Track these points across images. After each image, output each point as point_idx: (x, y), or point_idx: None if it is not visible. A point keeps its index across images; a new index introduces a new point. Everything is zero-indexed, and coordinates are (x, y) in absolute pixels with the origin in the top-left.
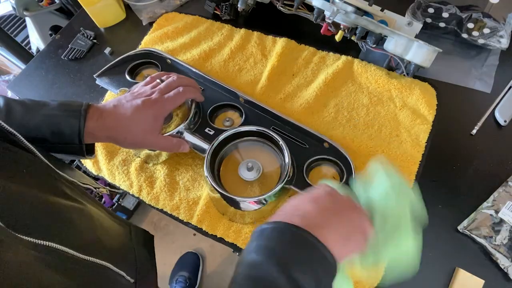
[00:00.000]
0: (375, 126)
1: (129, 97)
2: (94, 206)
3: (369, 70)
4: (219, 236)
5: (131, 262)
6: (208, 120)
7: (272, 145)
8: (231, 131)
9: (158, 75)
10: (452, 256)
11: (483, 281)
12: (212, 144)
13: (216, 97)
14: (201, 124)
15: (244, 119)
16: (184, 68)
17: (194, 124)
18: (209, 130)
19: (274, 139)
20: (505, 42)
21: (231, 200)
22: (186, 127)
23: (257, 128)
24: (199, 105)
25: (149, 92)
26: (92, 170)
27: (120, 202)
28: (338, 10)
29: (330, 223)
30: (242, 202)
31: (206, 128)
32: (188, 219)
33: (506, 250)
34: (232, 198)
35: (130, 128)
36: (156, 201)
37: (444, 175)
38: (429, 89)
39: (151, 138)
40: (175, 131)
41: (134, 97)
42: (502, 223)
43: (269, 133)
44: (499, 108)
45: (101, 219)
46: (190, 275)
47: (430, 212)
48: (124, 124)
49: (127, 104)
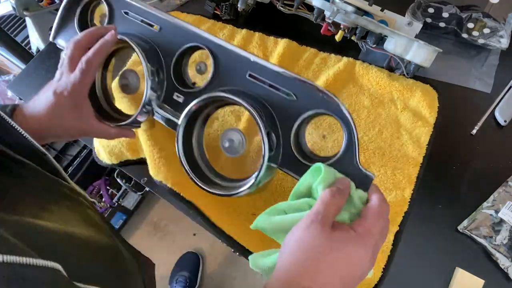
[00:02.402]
0: (376, 128)
1: (46, 87)
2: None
3: (370, 71)
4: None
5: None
6: (173, 78)
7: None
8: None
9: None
10: (452, 256)
11: (483, 281)
12: (178, 129)
13: (179, 41)
14: (168, 87)
15: (214, 67)
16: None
17: (159, 87)
18: (177, 95)
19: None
20: (505, 42)
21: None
22: (153, 96)
23: (218, 94)
24: (159, 58)
25: (58, 75)
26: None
27: (120, 202)
28: (338, 10)
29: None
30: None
31: (174, 93)
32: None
33: (506, 250)
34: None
35: (55, 127)
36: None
37: (444, 175)
38: (431, 91)
39: (85, 127)
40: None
41: (48, 86)
42: (502, 223)
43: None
44: (499, 108)
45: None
46: (190, 275)
47: (430, 212)
48: (48, 125)
49: (42, 99)
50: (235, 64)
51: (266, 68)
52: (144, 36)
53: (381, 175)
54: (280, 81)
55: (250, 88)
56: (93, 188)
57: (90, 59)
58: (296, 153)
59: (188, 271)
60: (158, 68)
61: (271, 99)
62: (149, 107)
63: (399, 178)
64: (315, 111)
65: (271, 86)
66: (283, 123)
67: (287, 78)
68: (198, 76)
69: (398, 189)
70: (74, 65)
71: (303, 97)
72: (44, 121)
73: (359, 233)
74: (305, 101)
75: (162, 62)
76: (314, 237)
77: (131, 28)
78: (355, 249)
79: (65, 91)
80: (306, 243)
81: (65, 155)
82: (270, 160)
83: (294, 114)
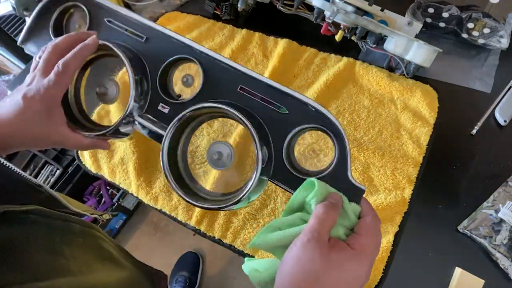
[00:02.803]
0: (376, 128)
1: (14, 91)
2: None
3: (370, 72)
4: (217, 238)
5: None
6: (159, 89)
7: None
8: (189, 111)
9: (47, 47)
10: (452, 256)
11: (483, 281)
12: (164, 140)
13: (165, 51)
14: (152, 98)
15: (203, 78)
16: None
17: (143, 98)
18: (162, 106)
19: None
20: (505, 42)
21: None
22: (135, 107)
23: (209, 104)
24: (143, 68)
25: (29, 79)
26: (92, 169)
27: (120, 202)
28: (338, 10)
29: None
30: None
31: (159, 103)
32: (187, 220)
33: (506, 250)
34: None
35: (23, 134)
36: (155, 201)
37: (444, 175)
38: (431, 91)
39: (55, 136)
40: (120, 119)
41: (16, 91)
42: (502, 223)
43: (227, 110)
44: (499, 108)
45: None
46: (190, 275)
47: (430, 212)
48: (15, 132)
49: (9, 104)
50: (225, 76)
51: (257, 81)
52: (129, 45)
53: (381, 175)
54: (272, 95)
55: (241, 101)
56: (93, 188)
57: (68, 63)
58: (288, 166)
59: (188, 271)
60: (142, 78)
61: (263, 113)
62: (130, 118)
63: (399, 178)
64: (308, 126)
65: (263, 99)
66: (274, 136)
67: (279, 92)
68: (184, 89)
69: (398, 189)
70: (49, 68)
71: (295, 111)
72: (10, 127)
73: (356, 250)
74: (297, 115)
75: (147, 72)
76: (312, 257)
77: (115, 37)
78: (353, 267)
79: (36, 95)
80: (304, 263)
81: (65, 155)
82: (262, 174)
83: (286, 128)
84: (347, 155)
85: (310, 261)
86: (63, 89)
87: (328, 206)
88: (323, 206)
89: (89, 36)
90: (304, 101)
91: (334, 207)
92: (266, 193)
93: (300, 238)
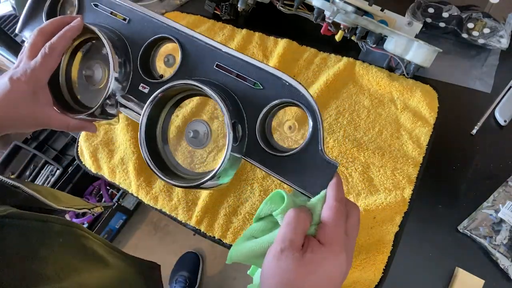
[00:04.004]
0: (376, 128)
1: (2, 75)
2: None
3: (370, 72)
4: (217, 238)
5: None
6: (139, 69)
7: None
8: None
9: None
10: (452, 256)
11: (483, 281)
12: (141, 119)
13: (147, 33)
14: (134, 78)
15: (181, 57)
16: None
17: (125, 78)
18: (143, 86)
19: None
20: (505, 42)
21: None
22: (118, 88)
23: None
24: (126, 50)
25: (16, 63)
26: (92, 169)
27: (120, 202)
28: (338, 10)
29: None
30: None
31: (140, 84)
32: (187, 220)
33: (506, 250)
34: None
35: (11, 116)
36: (155, 201)
37: (444, 175)
38: (431, 91)
39: (41, 116)
40: (102, 100)
41: (4, 74)
42: (502, 223)
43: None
44: (499, 108)
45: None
46: (190, 275)
47: (430, 212)
48: (3, 114)
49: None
50: (202, 54)
51: (233, 58)
52: (113, 28)
53: (381, 175)
54: (247, 71)
55: (217, 78)
56: (93, 188)
57: (54, 45)
58: (262, 143)
59: (188, 271)
60: (126, 60)
61: (238, 89)
62: (113, 99)
63: (399, 178)
64: (281, 100)
65: (238, 76)
66: (249, 113)
67: (254, 67)
68: (166, 69)
69: (398, 189)
70: (35, 51)
71: (270, 86)
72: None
73: (327, 243)
74: (272, 90)
75: (129, 54)
76: (287, 266)
77: (100, 20)
78: (330, 262)
79: (22, 77)
80: (281, 275)
81: (65, 155)
82: (234, 150)
83: (261, 103)
84: (319, 129)
85: (286, 272)
86: (49, 70)
87: (298, 211)
88: (293, 211)
89: (74, 19)
90: (278, 75)
91: (305, 210)
92: (266, 193)
93: (273, 249)
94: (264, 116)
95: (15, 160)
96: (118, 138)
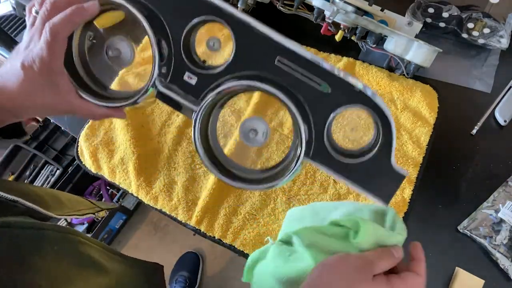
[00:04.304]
0: None
1: (14, 54)
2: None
3: (370, 72)
4: (217, 238)
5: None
6: (183, 55)
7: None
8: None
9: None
10: (452, 256)
11: (483, 281)
12: (196, 117)
13: (188, 10)
14: (176, 65)
15: (235, 48)
16: None
17: (164, 64)
18: (189, 76)
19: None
20: (505, 42)
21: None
22: (156, 78)
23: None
24: (163, 29)
25: (27, 40)
26: (92, 169)
27: (120, 202)
28: (338, 10)
29: None
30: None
31: (185, 73)
32: (187, 220)
33: (506, 250)
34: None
35: (30, 104)
36: (155, 201)
37: (444, 175)
38: (431, 91)
39: (64, 105)
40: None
41: (15, 53)
42: (502, 223)
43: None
44: (499, 108)
45: None
46: (190, 275)
47: (430, 212)
48: (22, 102)
49: (11, 72)
50: (261, 46)
51: (298, 55)
52: (144, 0)
53: None
54: (314, 71)
55: (277, 75)
56: (93, 188)
57: (56, 28)
58: (329, 147)
59: (188, 271)
60: (162, 40)
61: (303, 90)
62: (152, 88)
63: None
64: (352, 106)
65: (303, 75)
66: (315, 115)
67: (322, 69)
68: (209, 53)
69: (398, 189)
70: (41, 27)
71: (339, 89)
72: (17, 98)
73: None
74: (340, 94)
75: (168, 34)
76: (360, 281)
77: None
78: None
79: (34, 66)
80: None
81: (65, 155)
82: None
83: (328, 107)
84: (392, 141)
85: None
86: (58, 57)
87: (390, 254)
88: (387, 251)
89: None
90: (350, 82)
91: (393, 258)
92: (266, 193)
93: (353, 259)
94: (332, 119)
95: (15, 160)
96: (118, 138)
